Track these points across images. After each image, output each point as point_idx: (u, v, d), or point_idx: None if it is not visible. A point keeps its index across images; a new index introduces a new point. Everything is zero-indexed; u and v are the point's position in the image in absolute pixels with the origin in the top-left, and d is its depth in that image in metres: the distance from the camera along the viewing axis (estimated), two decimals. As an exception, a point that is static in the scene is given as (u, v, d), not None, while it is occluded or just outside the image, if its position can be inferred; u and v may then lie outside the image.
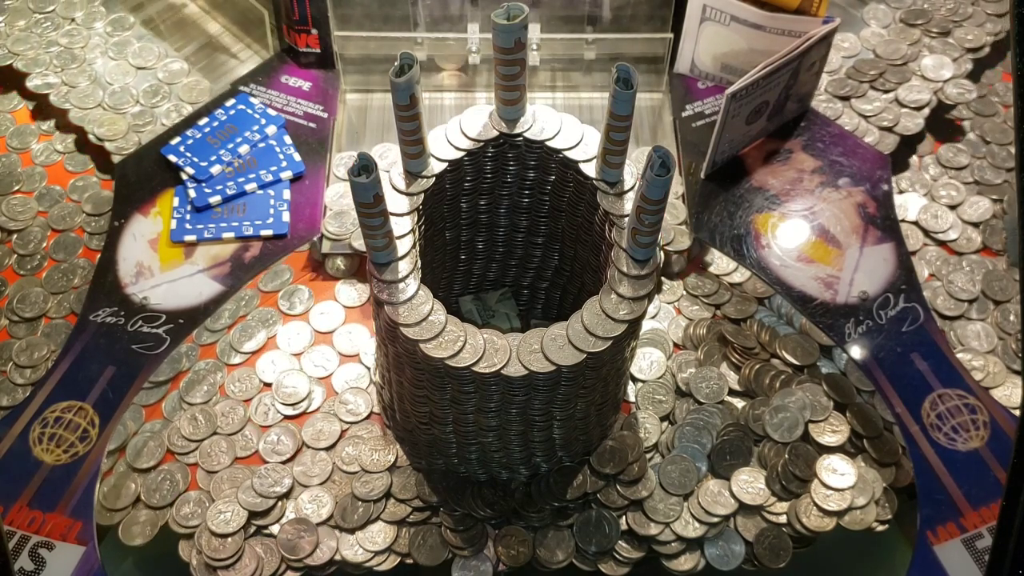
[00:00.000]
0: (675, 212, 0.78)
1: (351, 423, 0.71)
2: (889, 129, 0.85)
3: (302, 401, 0.72)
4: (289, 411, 0.72)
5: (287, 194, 0.79)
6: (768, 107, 0.78)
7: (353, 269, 0.78)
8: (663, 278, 0.78)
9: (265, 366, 0.74)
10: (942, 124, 0.88)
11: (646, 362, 0.73)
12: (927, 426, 0.68)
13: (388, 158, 0.82)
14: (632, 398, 0.72)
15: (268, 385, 0.73)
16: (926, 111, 0.86)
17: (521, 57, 0.59)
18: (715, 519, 0.68)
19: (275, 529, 0.67)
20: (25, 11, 0.92)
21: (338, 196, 0.80)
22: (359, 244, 0.76)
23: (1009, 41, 0.88)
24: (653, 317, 0.76)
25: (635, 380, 0.73)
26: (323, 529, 0.67)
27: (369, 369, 0.74)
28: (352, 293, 0.77)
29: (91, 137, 0.84)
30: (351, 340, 0.75)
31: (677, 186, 0.79)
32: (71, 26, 0.91)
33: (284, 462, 0.69)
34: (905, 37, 0.91)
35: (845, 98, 0.87)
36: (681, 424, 0.71)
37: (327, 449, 0.70)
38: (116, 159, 0.82)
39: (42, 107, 0.87)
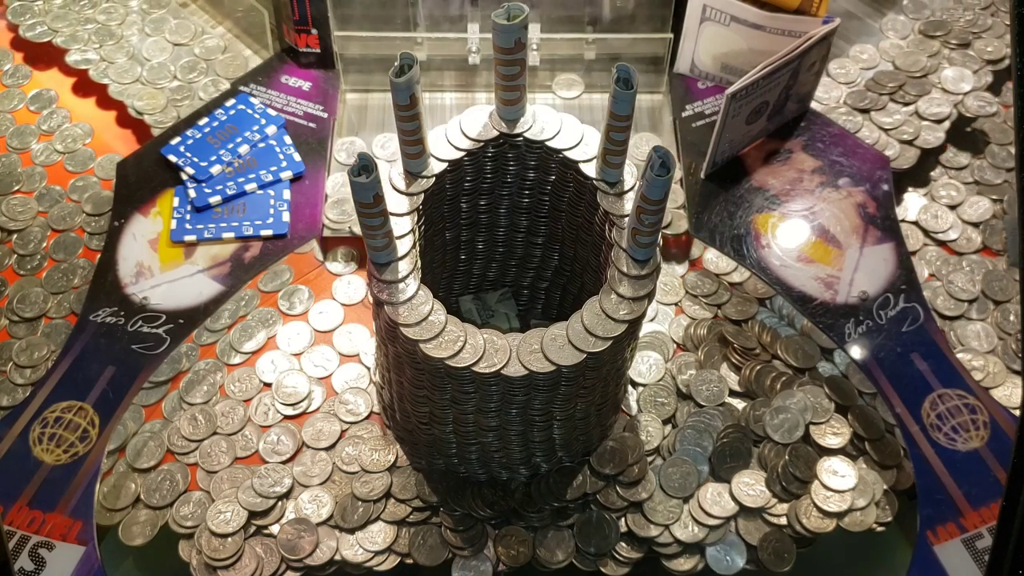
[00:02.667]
0: (673, 196, 0.78)
1: (351, 423, 0.71)
2: (910, 143, 0.84)
3: (302, 401, 0.72)
4: (289, 411, 0.72)
5: (287, 194, 0.79)
6: (768, 107, 0.78)
7: (353, 256, 0.79)
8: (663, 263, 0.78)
9: (265, 366, 0.74)
10: (963, 137, 0.87)
11: (645, 365, 0.73)
12: (927, 426, 0.68)
13: (389, 148, 0.83)
14: (633, 401, 0.72)
15: (268, 385, 0.73)
16: (946, 124, 0.85)
17: (521, 57, 0.59)
18: (715, 521, 0.67)
19: (275, 529, 0.67)
20: None
21: (339, 186, 0.80)
22: (359, 229, 0.76)
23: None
24: (652, 320, 0.76)
25: (635, 384, 0.73)
26: (323, 529, 0.67)
27: (369, 369, 0.74)
28: (350, 291, 0.77)
29: (131, 111, 0.85)
30: (351, 340, 0.75)
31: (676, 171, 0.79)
32: (108, 3, 0.92)
33: (284, 462, 0.69)
34: (924, 49, 0.90)
35: (865, 111, 0.86)
36: (682, 427, 0.71)
37: (327, 449, 0.70)
38: (156, 132, 0.83)
39: (82, 82, 0.88)
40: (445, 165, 0.63)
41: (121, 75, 0.88)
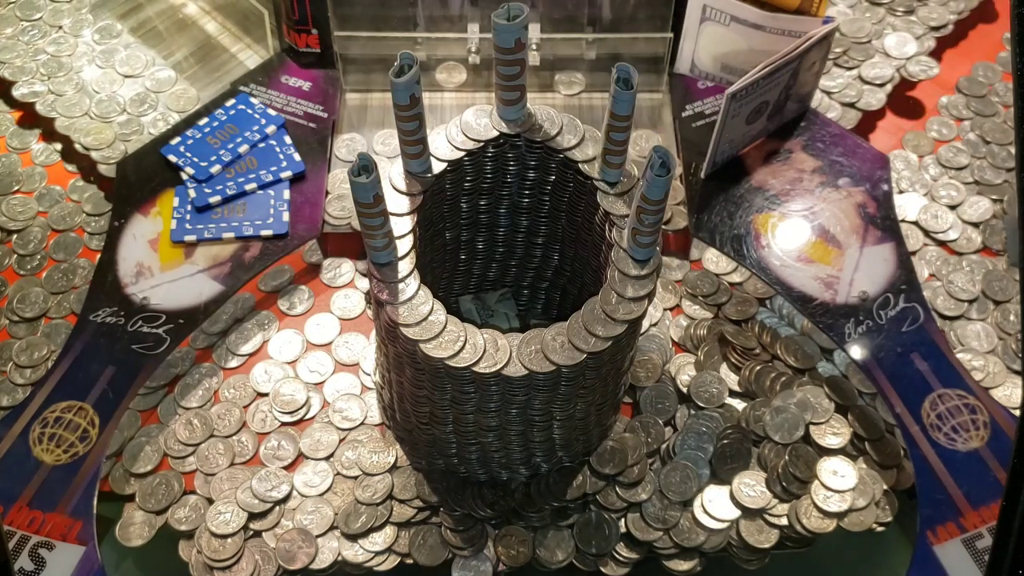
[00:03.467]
0: (673, 193, 0.78)
1: (348, 429, 0.71)
2: (852, 105, 0.87)
3: (300, 408, 0.72)
4: (287, 418, 0.72)
5: (287, 194, 0.79)
6: (768, 107, 0.78)
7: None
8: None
9: (260, 374, 0.73)
10: (903, 101, 0.90)
11: (644, 369, 0.73)
12: (927, 426, 0.68)
13: (391, 144, 0.83)
14: (634, 402, 0.72)
15: (263, 394, 0.72)
16: (888, 87, 0.88)
17: (521, 57, 0.59)
18: (715, 524, 0.67)
19: (274, 534, 0.67)
20: (12, 18, 0.91)
21: (339, 182, 0.80)
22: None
23: (971, 20, 0.93)
24: (654, 325, 0.76)
25: (636, 386, 0.73)
26: (325, 535, 0.67)
27: (369, 374, 0.74)
28: (347, 305, 0.77)
29: (77, 146, 0.83)
30: (348, 346, 0.75)
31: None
32: (58, 34, 0.90)
33: (286, 467, 0.69)
34: (870, 16, 0.93)
35: None
36: (683, 430, 0.71)
37: (326, 459, 0.70)
38: (102, 168, 0.82)
39: (29, 116, 0.86)
40: (445, 165, 0.63)
41: (70, 109, 0.85)
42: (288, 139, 0.82)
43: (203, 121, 0.82)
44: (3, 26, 0.90)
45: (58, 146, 0.85)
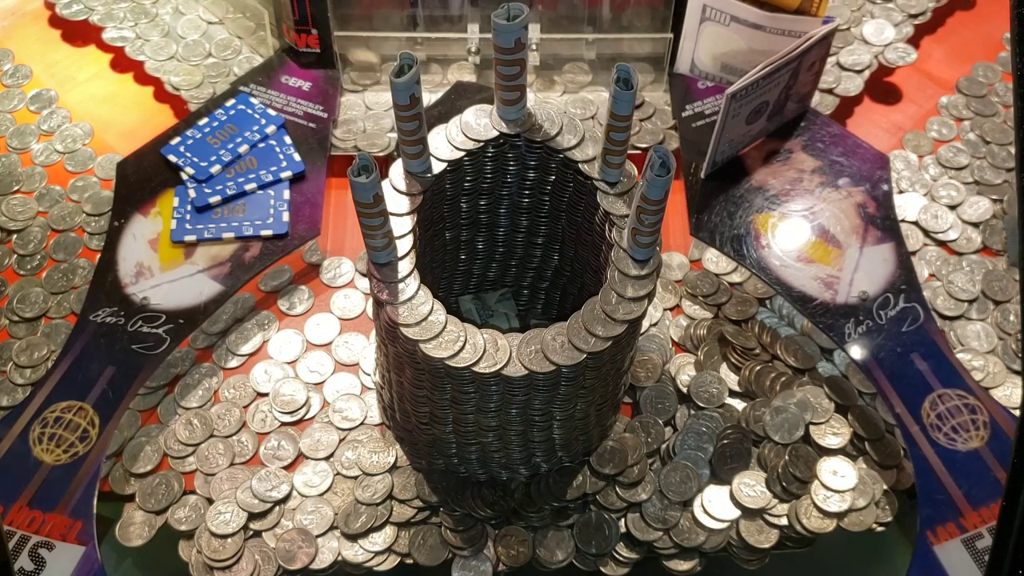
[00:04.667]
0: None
1: (348, 429, 0.71)
2: (830, 91, 0.88)
3: (300, 408, 0.72)
4: (287, 418, 0.72)
5: (287, 194, 0.79)
6: (768, 107, 0.78)
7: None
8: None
9: (260, 374, 0.73)
10: (880, 87, 0.90)
11: (644, 369, 0.73)
12: (927, 426, 0.68)
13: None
14: (634, 402, 0.72)
15: (263, 394, 0.72)
16: (866, 73, 0.89)
17: (521, 57, 0.59)
18: (715, 524, 0.67)
19: (274, 534, 0.67)
20: None
21: (348, 108, 0.84)
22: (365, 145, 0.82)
23: (949, 7, 0.94)
24: (654, 325, 0.76)
25: (636, 386, 0.73)
26: (325, 535, 0.67)
27: (369, 374, 0.74)
28: (347, 304, 0.77)
29: (167, 87, 0.87)
30: (348, 346, 0.75)
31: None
32: None
33: (286, 467, 0.69)
34: (849, 3, 0.94)
35: None
36: (683, 430, 0.71)
37: (326, 459, 0.70)
38: (193, 106, 0.85)
39: (119, 59, 0.90)
40: (445, 165, 0.63)
41: (156, 52, 0.89)
42: (288, 139, 0.82)
43: (203, 121, 0.82)
44: None
45: (58, 145, 0.85)
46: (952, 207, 0.82)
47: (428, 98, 0.85)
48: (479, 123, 0.63)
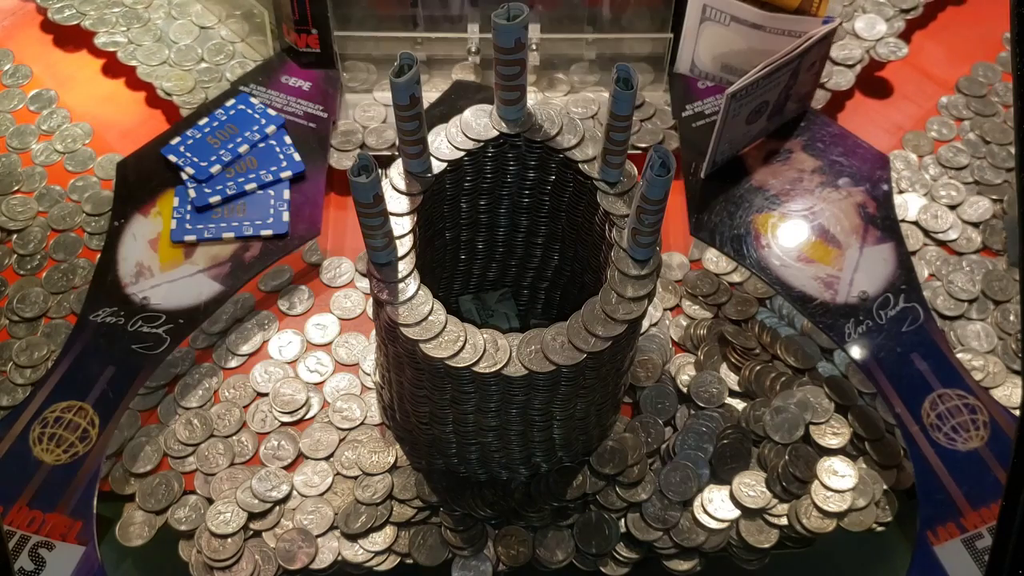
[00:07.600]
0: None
1: (348, 429, 0.71)
2: (821, 85, 0.88)
3: (300, 408, 0.72)
4: (287, 418, 0.71)
5: (287, 194, 0.79)
6: (768, 107, 0.78)
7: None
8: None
9: (260, 374, 0.73)
10: (872, 81, 0.91)
11: (644, 369, 0.73)
12: (927, 426, 0.68)
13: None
14: (634, 402, 0.72)
15: (263, 394, 0.72)
16: (857, 68, 0.89)
17: (521, 57, 0.59)
18: (715, 524, 0.67)
19: (274, 534, 0.67)
20: None
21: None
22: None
23: (940, 2, 0.95)
24: (654, 325, 0.76)
25: (636, 386, 0.73)
26: (325, 535, 0.67)
27: (369, 374, 0.74)
28: (347, 304, 0.77)
29: (159, 92, 0.87)
30: (348, 346, 0.75)
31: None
32: None
33: (286, 467, 0.69)
34: None
35: None
36: (683, 430, 0.71)
37: (326, 459, 0.70)
38: (185, 112, 0.84)
39: (111, 64, 0.90)
40: (445, 165, 0.63)
41: (149, 57, 0.89)
42: (288, 139, 0.82)
43: (203, 121, 0.82)
44: None
45: (58, 145, 0.85)
46: (952, 207, 0.82)
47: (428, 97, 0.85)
48: (479, 123, 0.63)
